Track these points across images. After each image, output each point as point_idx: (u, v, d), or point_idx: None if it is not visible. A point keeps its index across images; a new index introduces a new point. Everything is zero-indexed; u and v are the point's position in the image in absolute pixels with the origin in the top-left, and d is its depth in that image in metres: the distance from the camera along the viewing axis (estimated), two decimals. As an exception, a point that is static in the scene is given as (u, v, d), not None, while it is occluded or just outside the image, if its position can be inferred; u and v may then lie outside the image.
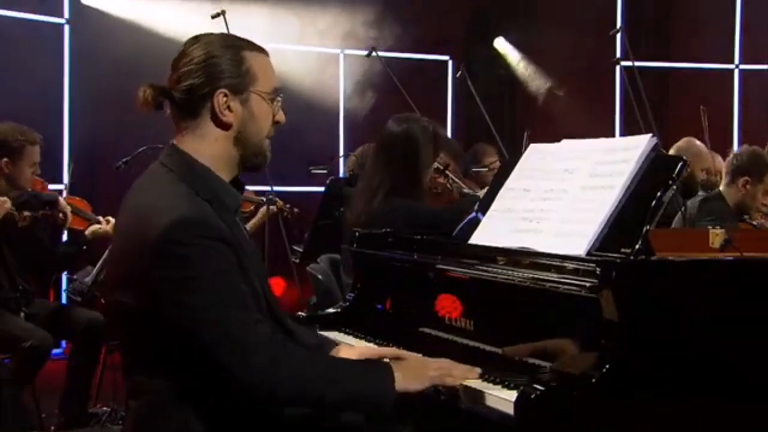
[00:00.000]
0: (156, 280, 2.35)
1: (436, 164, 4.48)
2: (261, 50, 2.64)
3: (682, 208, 5.20)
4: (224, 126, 2.56)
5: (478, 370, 2.65)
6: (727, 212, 5.37)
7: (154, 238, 2.36)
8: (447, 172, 4.75)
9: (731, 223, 5.12)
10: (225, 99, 2.53)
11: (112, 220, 5.69)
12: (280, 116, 2.66)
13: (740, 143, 9.58)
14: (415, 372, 2.60)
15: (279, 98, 2.65)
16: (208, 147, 2.56)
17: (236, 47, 2.58)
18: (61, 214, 5.49)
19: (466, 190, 4.75)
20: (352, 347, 2.92)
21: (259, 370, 2.37)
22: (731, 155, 5.70)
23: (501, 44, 10.48)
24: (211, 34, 2.63)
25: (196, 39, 2.60)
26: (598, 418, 2.40)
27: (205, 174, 2.54)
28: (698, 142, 6.40)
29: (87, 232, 5.68)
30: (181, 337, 2.37)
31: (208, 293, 2.36)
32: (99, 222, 5.74)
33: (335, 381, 2.46)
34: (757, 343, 2.63)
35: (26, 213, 5.21)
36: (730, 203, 5.51)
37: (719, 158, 6.62)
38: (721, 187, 5.66)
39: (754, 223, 5.45)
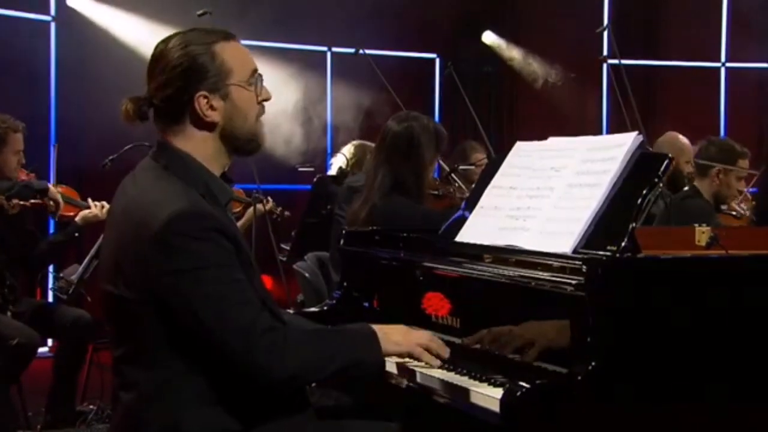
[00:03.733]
0: (160, 273, 2.38)
1: (442, 167, 4.51)
2: (229, 37, 2.63)
3: (667, 200, 5.21)
4: (210, 126, 2.57)
5: (447, 349, 2.72)
6: (706, 209, 5.38)
7: (155, 231, 2.38)
8: (452, 176, 4.79)
9: (711, 220, 5.14)
10: (206, 101, 2.54)
11: (100, 203, 5.66)
12: (265, 94, 2.67)
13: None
14: (396, 337, 2.67)
15: (259, 80, 2.64)
16: (196, 147, 2.57)
17: (206, 44, 2.56)
18: (51, 202, 5.46)
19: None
20: None
21: (265, 356, 2.40)
22: (697, 149, 5.72)
23: (489, 37, 10.46)
24: (177, 34, 2.61)
25: (165, 42, 2.60)
26: (583, 416, 2.41)
27: (197, 169, 2.56)
28: (681, 137, 6.43)
29: (77, 218, 5.65)
30: (183, 327, 2.39)
31: (213, 284, 2.38)
32: (88, 207, 5.71)
33: (331, 358, 2.51)
34: (743, 340, 2.64)
35: (15, 201, 5.19)
36: (706, 196, 5.53)
37: None
38: (695, 182, 5.67)
39: (733, 213, 5.48)
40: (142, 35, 8.30)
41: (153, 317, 2.41)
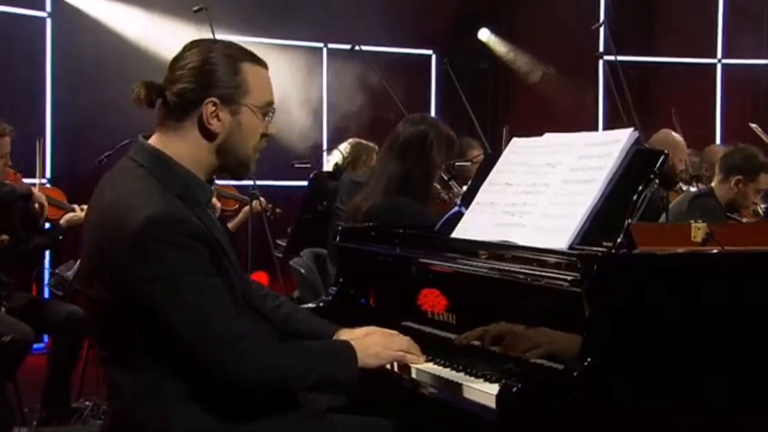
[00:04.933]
0: (133, 278, 2.37)
1: (443, 175, 4.51)
2: (260, 63, 2.63)
3: (664, 201, 5.20)
4: (210, 135, 2.55)
5: (423, 357, 2.77)
6: (717, 210, 5.39)
7: (130, 236, 2.36)
8: (451, 183, 4.80)
9: (720, 220, 5.13)
10: (214, 108, 2.53)
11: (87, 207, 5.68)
12: (272, 129, 2.67)
13: (723, 137, 9.64)
14: (375, 349, 2.70)
15: (271, 112, 2.64)
16: (188, 150, 2.55)
17: (234, 57, 2.57)
18: (36, 205, 5.47)
19: None
20: (352, 331, 2.92)
21: (237, 365, 2.40)
22: (723, 153, 5.72)
23: (485, 35, 10.47)
24: (214, 40, 2.64)
25: (197, 43, 2.60)
26: (579, 412, 2.40)
27: (174, 168, 2.53)
28: (675, 134, 6.44)
29: (62, 221, 5.70)
30: (159, 332, 2.38)
31: (187, 291, 2.37)
32: (73, 210, 5.74)
33: (307, 370, 2.52)
34: (739, 337, 2.64)
35: (5, 236, 5.25)
36: (721, 201, 5.53)
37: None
38: (713, 184, 5.67)
39: (744, 220, 5.48)
40: (139, 31, 8.29)
41: (130, 321, 2.41)
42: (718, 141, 8.94)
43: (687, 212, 5.23)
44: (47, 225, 5.90)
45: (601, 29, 8.18)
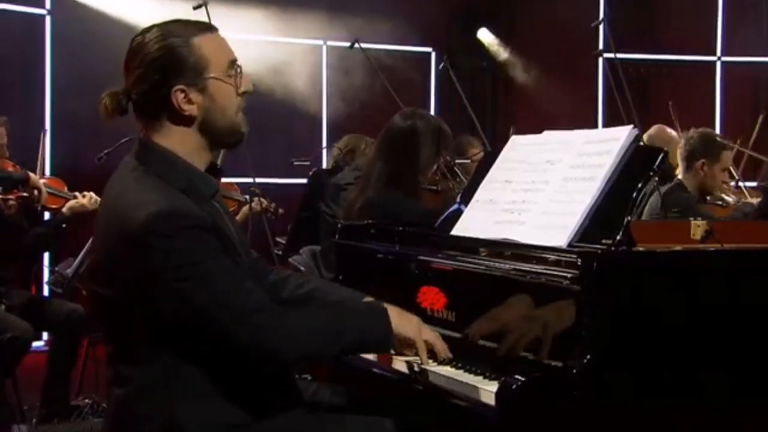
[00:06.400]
0: (142, 273, 2.37)
1: (441, 163, 4.51)
2: (208, 29, 2.60)
3: (650, 197, 5.20)
4: (187, 120, 2.54)
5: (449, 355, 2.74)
6: (691, 201, 5.40)
7: (134, 232, 2.36)
8: (452, 172, 4.80)
9: (697, 211, 5.14)
10: (183, 95, 2.51)
11: (88, 194, 5.66)
12: (246, 86, 2.63)
13: (722, 135, 9.62)
14: (413, 320, 2.70)
15: (237, 70, 2.60)
16: (178, 141, 2.55)
17: (184, 36, 2.53)
18: (35, 191, 5.42)
19: None
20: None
21: (264, 332, 2.40)
22: (681, 142, 5.71)
23: (484, 35, 10.48)
24: (155, 26, 2.59)
25: (142, 35, 2.57)
26: (579, 409, 2.41)
27: (176, 163, 2.53)
28: (669, 129, 6.43)
29: (64, 209, 5.64)
30: (169, 324, 2.39)
31: (203, 277, 2.37)
32: (75, 197, 5.70)
33: (336, 334, 2.53)
34: (738, 335, 2.64)
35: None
36: (690, 189, 5.52)
37: None
38: (679, 176, 5.66)
39: (719, 202, 5.48)
40: (139, 28, 8.27)
41: (138, 316, 2.41)
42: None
43: (661, 210, 5.22)
44: (47, 215, 5.88)
45: (601, 27, 8.16)
